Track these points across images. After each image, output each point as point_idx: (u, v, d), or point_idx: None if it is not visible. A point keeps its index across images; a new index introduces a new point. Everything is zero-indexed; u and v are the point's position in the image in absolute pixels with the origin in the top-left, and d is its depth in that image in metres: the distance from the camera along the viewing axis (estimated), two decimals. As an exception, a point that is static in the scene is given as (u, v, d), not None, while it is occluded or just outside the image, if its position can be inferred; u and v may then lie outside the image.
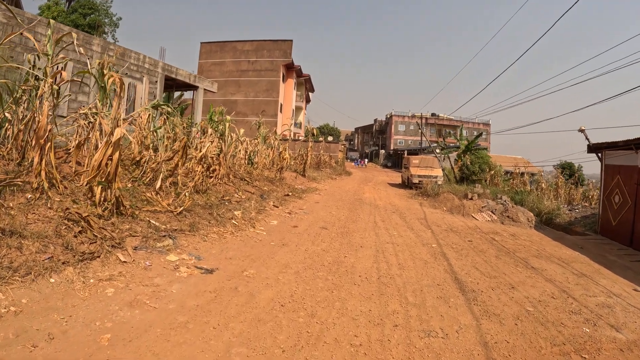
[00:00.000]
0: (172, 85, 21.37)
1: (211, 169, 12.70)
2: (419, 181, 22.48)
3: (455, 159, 30.63)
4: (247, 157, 16.56)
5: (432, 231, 10.47)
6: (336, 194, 17.15)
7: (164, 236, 7.05)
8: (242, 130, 17.02)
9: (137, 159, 10.44)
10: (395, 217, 12.20)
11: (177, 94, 30.17)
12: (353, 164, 59.52)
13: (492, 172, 27.63)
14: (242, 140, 16.48)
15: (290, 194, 14.21)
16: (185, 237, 7.24)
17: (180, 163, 10.04)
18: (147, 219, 7.60)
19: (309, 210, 11.95)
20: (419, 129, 41.30)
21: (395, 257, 7.34)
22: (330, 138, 56.73)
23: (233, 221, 9.04)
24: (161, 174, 9.31)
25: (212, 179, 12.30)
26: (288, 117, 47.53)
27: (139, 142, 10.96)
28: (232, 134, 13.22)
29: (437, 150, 34.38)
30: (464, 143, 29.43)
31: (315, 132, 24.14)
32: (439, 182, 21.76)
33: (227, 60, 45.68)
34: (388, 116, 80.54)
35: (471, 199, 15.61)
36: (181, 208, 8.37)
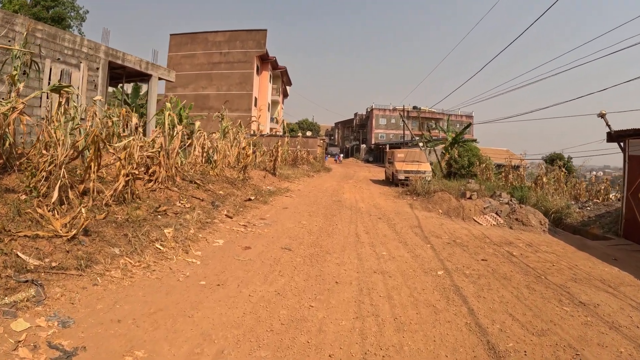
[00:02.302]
0: (122, 74, 18.45)
1: (150, 170, 10.09)
2: (406, 177, 20.08)
3: (442, 152, 28.53)
4: (203, 154, 13.86)
5: (432, 246, 7.99)
6: (311, 195, 14.55)
7: (25, 282, 4.45)
8: (197, 123, 14.33)
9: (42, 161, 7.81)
10: (383, 226, 9.69)
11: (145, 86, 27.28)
12: (333, 159, 56.84)
13: (483, 165, 25.44)
14: (198, 135, 13.78)
15: (253, 198, 11.59)
16: (65, 280, 4.66)
17: (93, 165, 7.38)
18: (16, 251, 5.00)
19: (273, 220, 9.34)
20: (402, 121, 39.21)
21: (389, 303, 4.80)
22: (309, 133, 54.25)
23: (158, 245, 6.42)
24: (59, 181, 6.65)
25: (151, 184, 9.69)
26: (263, 112, 44.75)
27: (40, 139, 8.29)
28: (177, 127, 10.53)
29: (421, 144, 32.20)
30: (451, 135, 27.31)
31: (286, 124, 21.52)
32: (428, 178, 19.38)
33: (198, 52, 42.60)
34: (369, 110, 78.31)
35: (470, 198, 13.25)
36: (75, 231, 5.73)
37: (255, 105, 42.52)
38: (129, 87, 25.72)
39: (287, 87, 60.02)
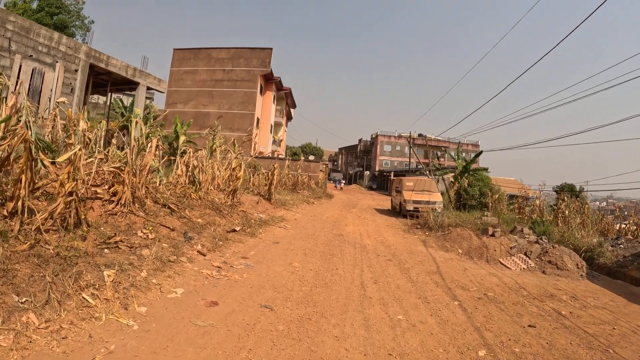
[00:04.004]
0: (107, 81, 16.90)
1: (111, 190, 8.34)
2: (415, 208, 18.24)
3: (450, 182, 26.81)
4: (188, 174, 12.09)
5: (460, 304, 6.10)
6: (309, 227, 12.66)
7: None
8: (182, 138, 12.62)
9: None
10: (394, 271, 7.80)
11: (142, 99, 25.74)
12: (333, 185, 54.80)
13: (496, 196, 23.57)
14: (182, 152, 12.07)
15: (238, 228, 9.74)
16: None
17: (24, 178, 5.64)
18: None
19: (257, 260, 7.46)
20: (409, 147, 37.60)
21: None
22: (311, 157, 52.73)
23: (87, 294, 4.61)
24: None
25: (112, 206, 7.93)
26: (266, 133, 43.31)
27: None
28: (152, 139, 8.81)
29: (426, 172, 30.55)
30: (461, 163, 25.58)
31: (286, 147, 19.86)
32: (439, 210, 17.56)
33: (200, 68, 41.43)
34: (373, 136, 77.21)
35: (492, 235, 11.40)
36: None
37: (258, 126, 41.09)
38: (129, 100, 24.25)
39: (291, 110, 58.76)
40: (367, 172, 76.61)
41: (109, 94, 19.62)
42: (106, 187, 8.54)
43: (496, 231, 11.51)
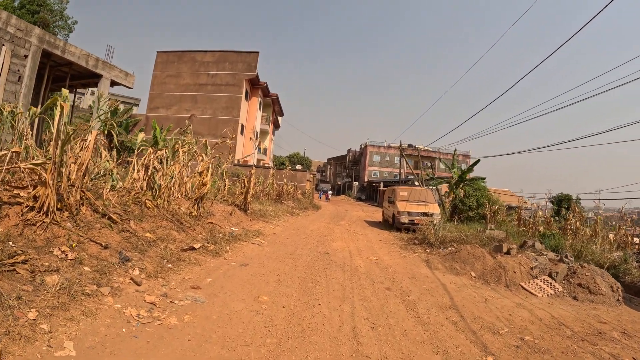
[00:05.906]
0: (67, 73, 14.91)
1: (31, 194, 6.44)
2: (410, 221, 16.44)
3: (445, 192, 25.27)
4: (147, 178, 10.14)
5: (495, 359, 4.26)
6: (289, 243, 10.68)
7: None
8: (141, 135, 10.70)
9: None
10: (397, 307, 5.87)
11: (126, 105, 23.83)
12: (318, 195, 52.37)
13: (496, 207, 21.94)
14: (141, 152, 10.16)
15: (198, 246, 7.77)
16: None
17: None
18: None
19: (212, 292, 5.50)
20: (400, 157, 35.98)
21: None
22: (299, 167, 50.87)
23: None
24: None
25: (32, 214, 6.04)
26: (250, 141, 41.36)
27: None
28: (91, 132, 6.92)
29: (416, 183, 28.93)
30: (457, 172, 24.07)
31: (269, 151, 18.06)
32: (437, 222, 15.78)
33: (184, 72, 39.48)
34: (362, 146, 75.83)
35: (508, 253, 9.62)
36: None
37: (242, 132, 39.17)
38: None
39: (279, 118, 56.94)
40: (355, 183, 75.10)
41: (74, 89, 17.61)
42: (31, 189, 6.66)
43: (512, 248, 9.73)
